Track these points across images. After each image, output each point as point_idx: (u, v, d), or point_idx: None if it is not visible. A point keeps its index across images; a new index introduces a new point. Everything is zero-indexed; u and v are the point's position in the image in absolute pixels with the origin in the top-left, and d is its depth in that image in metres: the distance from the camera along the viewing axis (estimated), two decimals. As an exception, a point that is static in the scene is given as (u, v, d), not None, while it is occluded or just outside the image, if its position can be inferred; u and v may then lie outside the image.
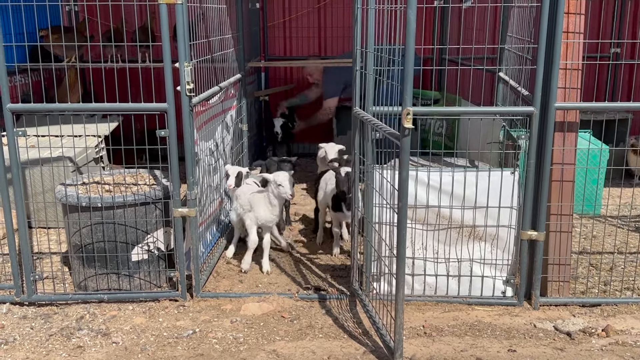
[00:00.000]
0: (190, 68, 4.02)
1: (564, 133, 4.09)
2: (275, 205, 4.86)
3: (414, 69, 3.18)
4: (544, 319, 4.14)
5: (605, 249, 5.19)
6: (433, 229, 4.26)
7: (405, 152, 3.24)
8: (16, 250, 4.35)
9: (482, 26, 5.89)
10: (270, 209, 4.87)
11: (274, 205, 4.85)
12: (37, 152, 5.33)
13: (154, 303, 4.39)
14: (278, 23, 8.24)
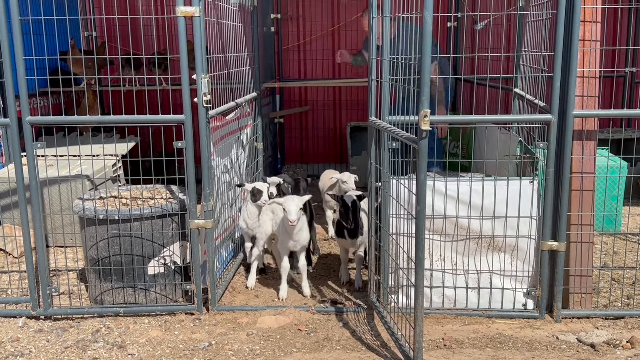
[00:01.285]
0: (207, 80, 4.07)
1: (583, 141, 4.06)
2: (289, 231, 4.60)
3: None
4: (567, 331, 4.05)
5: (627, 264, 5.10)
6: (451, 240, 4.21)
7: (423, 155, 3.23)
8: (33, 264, 4.35)
9: (495, 45, 5.93)
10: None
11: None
12: (55, 171, 5.40)
13: (169, 316, 4.36)
14: (292, 46, 8.34)
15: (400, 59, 3.77)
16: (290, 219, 4.35)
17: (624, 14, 7.41)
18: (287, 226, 4.46)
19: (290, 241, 4.62)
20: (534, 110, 4.43)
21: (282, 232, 4.66)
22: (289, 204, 4.40)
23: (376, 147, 4.15)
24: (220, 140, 4.81)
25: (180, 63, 4.00)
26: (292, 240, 4.62)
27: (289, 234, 4.58)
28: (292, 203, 4.40)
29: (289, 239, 4.61)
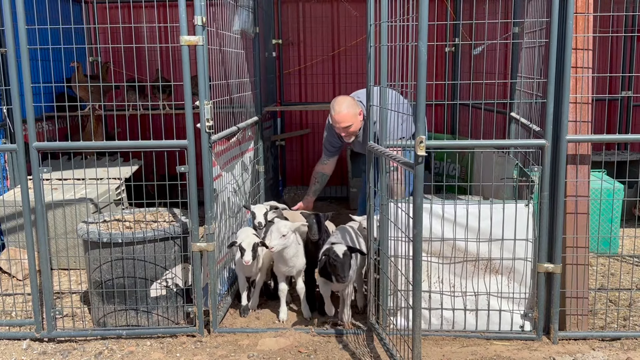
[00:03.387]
0: (209, 106, 4.17)
1: (577, 165, 4.15)
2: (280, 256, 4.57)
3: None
4: (564, 352, 4.09)
5: (623, 285, 5.15)
6: (449, 262, 4.28)
7: (419, 180, 3.31)
8: (37, 286, 4.42)
9: (492, 69, 6.06)
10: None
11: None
12: (59, 194, 5.50)
13: (171, 339, 4.41)
14: (293, 70, 8.48)
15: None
16: (268, 244, 4.37)
17: (619, 40, 7.55)
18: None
19: (285, 267, 4.63)
20: (529, 134, 4.53)
21: (277, 258, 4.63)
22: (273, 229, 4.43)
23: (375, 171, 4.24)
24: (225, 165, 4.92)
25: (184, 90, 4.11)
26: (287, 266, 4.61)
27: (284, 259, 4.56)
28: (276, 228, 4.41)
29: (285, 264, 4.61)
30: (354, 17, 8.17)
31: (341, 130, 5.20)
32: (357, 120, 5.19)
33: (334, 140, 5.56)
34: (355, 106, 5.17)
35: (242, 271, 4.76)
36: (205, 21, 4.09)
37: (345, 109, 5.10)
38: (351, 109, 5.11)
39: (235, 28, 5.38)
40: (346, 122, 5.11)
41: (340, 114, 5.11)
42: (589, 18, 4.08)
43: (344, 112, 5.10)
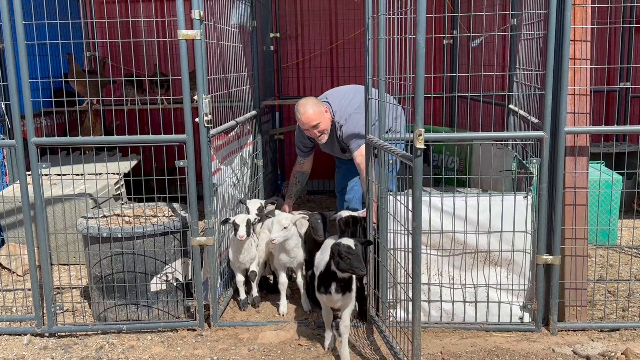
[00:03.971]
0: (208, 100, 4.17)
1: (575, 157, 4.16)
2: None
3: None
4: (563, 343, 4.11)
5: (622, 276, 5.17)
6: (448, 255, 4.29)
7: (418, 172, 3.32)
8: (38, 282, 4.43)
9: (490, 62, 6.05)
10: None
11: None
12: (58, 189, 5.49)
13: (172, 333, 4.42)
14: (291, 64, 8.47)
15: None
16: (271, 236, 4.45)
17: (617, 31, 7.54)
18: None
19: (287, 258, 4.69)
20: (527, 126, 4.53)
21: (278, 249, 4.70)
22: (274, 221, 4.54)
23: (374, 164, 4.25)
24: (224, 160, 4.92)
25: (182, 84, 4.11)
26: (288, 257, 4.68)
27: (285, 250, 4.63)
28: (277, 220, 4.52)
29: (287, 255, 4.67)
30: (352, 10, 8.15)
31: (311, 131, 5.22)
32: (325, 118, 5.21)
33: (305, 141, 5.59)
34: (320, 105, 5.21)
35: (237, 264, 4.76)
36: (202, 15, 4.08)
37: (310, 108, 5.12)
38: (316, 107, 5.15)
39: (232, 22, 5.37)
40: (314, 121, 5.13)
41: (306, 114, 5.13)
42: (587, 9, 4.08)
43: (310, 111, 5.12)
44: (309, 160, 5.77)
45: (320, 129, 5.21)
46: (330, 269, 3.82)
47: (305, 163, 5.75)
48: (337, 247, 3.71)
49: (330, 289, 3.85)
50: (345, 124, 5.21)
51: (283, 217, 4.52)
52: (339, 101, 5.32)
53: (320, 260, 4.08)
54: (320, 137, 5.29)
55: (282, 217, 4.53)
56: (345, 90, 5.53)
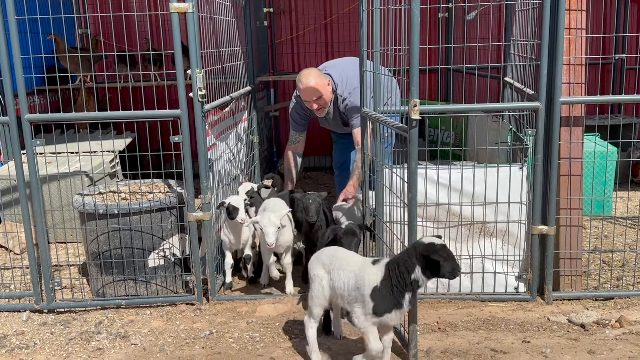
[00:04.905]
0: (202, 75, 4.15)
1: (570, 127, 4.16)
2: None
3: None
4: (558, 312, 4.16)
5: (616, 247, 5.21)
6: (444, 227, 4.31)
7: (413, 144, 3.32)
8: (35, 259, 4.44)
9: (485, 35, 6.02)
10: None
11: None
12: (54, 168, 5.49)
13: (171, 307, 4.45)
14: (285, 40, 8.41)
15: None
16: (268, 242, 4.09)
17: (612, 1, 7.51)
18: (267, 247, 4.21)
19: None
20: (523, 98, 4.53)
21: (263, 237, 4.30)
22: (265, 223, 4.10)
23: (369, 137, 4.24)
24: (220, 134, 4.91)
25: (175, 58, 4.08)
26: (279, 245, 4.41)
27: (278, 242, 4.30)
28: (269, 223, 4.09)
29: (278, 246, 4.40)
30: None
31: (312, 102, 5.08)
32: (328, 91, 5.08)
33: (302, 114, 5.42)
34: (323, 76, 5.09)
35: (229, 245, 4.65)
36: (195, -12, 4.04)
37: (313, 80, 4.98)
38: (319, 79, 5.01)
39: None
40: (316, 93, 5.00)
41: (309, 85, 4.98)
42: (582, -22, 4.05)
43: (312, 83, 4.97)
44: (303, 139, 5.62)
45: (322, 102, 5.13)
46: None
47: (299, 142, 5.60)
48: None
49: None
50: (349, 97, 5.14)
51: (273, 217, 4.13)
52: (340, 73, 5.23)
53: None
54: (319, 111, 5.20)
55: (272, 217, 4.13)
56: (345, 62, 5.42)
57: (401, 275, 3.16)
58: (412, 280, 3.15)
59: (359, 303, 3.26)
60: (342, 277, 3.37)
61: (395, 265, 3.19)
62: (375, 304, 3.19)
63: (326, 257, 3.53)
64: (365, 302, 3.22)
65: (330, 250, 3.63)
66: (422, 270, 3.14)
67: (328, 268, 3.47)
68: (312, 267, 3.58)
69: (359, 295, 3.26)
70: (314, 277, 3.54)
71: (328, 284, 3.46)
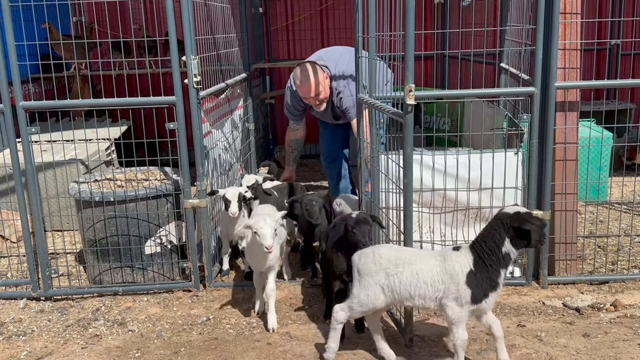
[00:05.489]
0: (196, 61, 4.13)
1: (565, 112, 4.17)
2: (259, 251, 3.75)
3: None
4: (553, 297, 4.18)
5: (612, 232, 5.23)
6: (439, 212, 4.33)
7: (409, 129, 3.32)
8: (32, 247, 4.44)
9: (481, 20, 6.00)
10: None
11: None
12: (49, 156, 5.47)
13: (167, 294, 4.47)
14: (281, 27, 8.38)
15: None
16: (267, 244, 3.58)
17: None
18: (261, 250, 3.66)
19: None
20: (518, 84, 4.52)
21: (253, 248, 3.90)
22: (261, 225, 3.61)
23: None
24: (215, 122, 4.90)
25: (170, 45, 4.07)
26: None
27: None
28: (266, 225, 3.61)
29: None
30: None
31: (311, 100, 4.99)
32: (326, 86, 4.96)
33: (298, 104, 5.33)
34: (320, 71, 4.95)
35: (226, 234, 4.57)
36: (189, -27, 4.02)
37: (312, 77, 4.87)
38: (317, 75, 4.89)
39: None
40: (314, 91, 4.91)
41: (308, 84, 4.86)
42: (577, -38, 4.04)
43: (311, 80, 4.86)
44: (303, 126, 5.59)
45: (321, 98, 5.03)
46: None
47: (299, 129, 5.56)
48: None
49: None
50: (343, 91, 5.04)
51: (269, 220, 3.66)
52: (335, 65, 5.12)
53: None
54: (319, 106, 5.11)
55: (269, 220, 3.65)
56: (340, 53, 5.30)
57: (492, 252, 3.06)
58: (504, 255, 3.06)
59: (452, 295, 3.09)
60: (418, 276, 3.14)
61: (482, 244, 3.09)
62: (473, 291, 3.06)
63: (387, 261, 3.22)
64: (461, 291, 3.07)
65: (385, 251, 3.31)
66: (511, 242, 3.06)
67: (393, 271, 3.19)
68: (367, 273, 3.26)
69: (452, 285, 3.08)
70: (371, 283, 3.23)
71: (389, 289, 3.20)
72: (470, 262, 3.10)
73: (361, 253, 3.37)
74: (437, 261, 3.16)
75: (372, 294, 3.24)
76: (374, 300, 3.25)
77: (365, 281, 3.26)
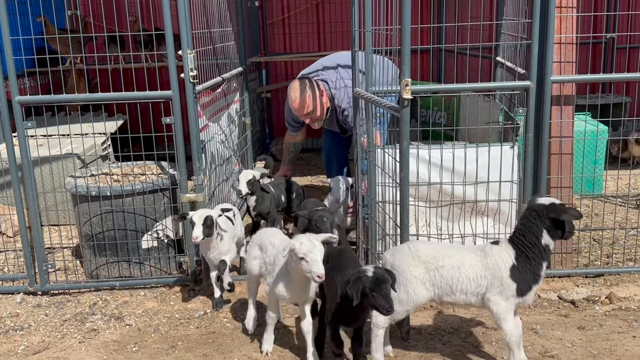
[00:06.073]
0: (193, 55, 4.12)
1: (561, 106, 4.18)
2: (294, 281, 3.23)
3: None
4: (548, 289, 4.21)
5: (607, 225, 5.26)
6: (436, 206, 4.34)
7: (405, 123, 3.33)
8: (29, 241, 4.44)
9: (477, 14, 6.00)
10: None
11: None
12: (45, 150, 5.46)
13: (165, 288, 4.48)
14: (277, 20, 8.36)
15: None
16: (318, 273, 2.97)
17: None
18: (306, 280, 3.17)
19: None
20: (514, 78, 4.53)
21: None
22: (310, 249, 3.00)
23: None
24: (213, 115, 4.90)
25: (166, 39, 4.06)
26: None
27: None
28: (315, 249, 3.02)
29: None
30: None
31: (304, 117, 4.82)
32: (321, 103, 4.76)
33: (295, 117, 5.17)
34: (315, 87, 4.75)
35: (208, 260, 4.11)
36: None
37: (304, 93, 4.71)
38: (310, 92, 4.72)
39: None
40: (307, 109, 4.75)
41: (298, 101, 4.68)
42: (573, -44, 4.05)
43: (304, 96, 4.68)
44: (302, 133, 5.50)
45: (316, 117, 4.81)
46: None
47: (298, 135, 5.48)
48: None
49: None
50: (347, 108, 4.85)
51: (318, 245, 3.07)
52: (336, 79, 4.90)
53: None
54: (313, 124, 4.92)
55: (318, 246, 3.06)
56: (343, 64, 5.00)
57: (533, 245, 3.03)
58: (544, 247, 3.04)
59: (496, 289, 3.05)
60: (460, 271, 3.08)
61: (522, 237, 3.05)
62: (518, 285, 3.03)
63: (425, 255, 3.14)
64: (505, 285, 3.03)
65: (422, 245, 3.27)
66: (549, 233, 3.02)
67: (433, 266, 3.11)
68: (404, 269, 3.13)
69: (495, 280, 3.04)
70: (410, 279, 3.12)
71: (430, 283, 3.11)
72: (512, 256, 3.07)
73: (394, 250, 3.29)
74: (478, 256, 3.12)
75: (412, 290, 3.12)
76: (414, 297, 3.13)
77: (402, 278, 3.12)
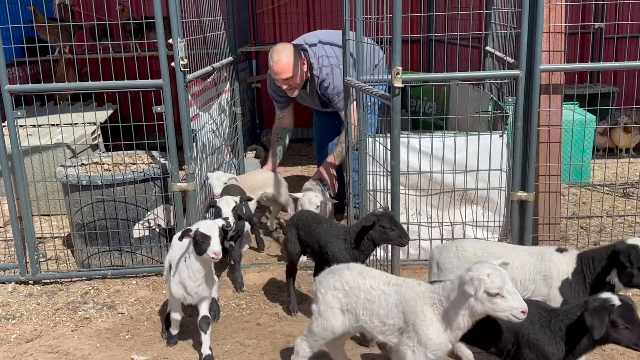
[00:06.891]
0: (183, 44, 4.12)
1: (550, 95, 4.22)
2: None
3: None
4: (536, 276, 4.26)
5: (594, 213, 5.32)
6: (426, 195, 4.38)
7: (396, 112, 3.36)
8: (20, 231, 4.44)
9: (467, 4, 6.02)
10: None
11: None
12: (35, 140, 5.44)
13: (157, 277, 4.49)
14: (267, 10, 8.34)
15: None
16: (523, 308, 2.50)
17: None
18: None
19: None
20: (504, 67, 4.56)
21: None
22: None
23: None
24: (203, 105, 4.90)
25: (156, 27, 4.05)
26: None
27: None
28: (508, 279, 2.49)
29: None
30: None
31: (281, 82, 4.79)
32: (300, 72, 4.76)
33: (279, 90, 5.10)
34: (297, 55, 4.75)
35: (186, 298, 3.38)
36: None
37: (286, 58, 4.68)
38: (292, 57, 4.70)
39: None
40: (286, 73, 4.69)
41: (280, 64, 4.67)
42: (562, -55, 4.07)
43: (284, 61, 4.66)
44: (290, 114, 5.43)
45: (292, 84, 4.81)
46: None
47: (285, 117, 5.41)
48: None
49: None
50: (327, 79, 4.90)
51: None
52: (316, 51, 4.95)
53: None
54: (290, 91, 4.92)
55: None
56: (325, 39, 5.12)
57: (596, 273, 2.79)
58: (606, 282, 2.77)
59: (540, 297, 2.83)
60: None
61: (591, 260, 2.83)
62: (565, 300, 2.78)
63: (472, 255, 3.01)
64: (552, 295, 2.81)
65: (470, 244, 3.16)
66: (619, 275, 2.76)
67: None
68: (448, 268, 3.06)
69: (543, 287, 2.84)
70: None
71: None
72: (570, 269, 2.86)
73: (442, 247, 3.21)
74: (533, 259, 2.95)
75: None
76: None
77: (445, 277, 2.97)
